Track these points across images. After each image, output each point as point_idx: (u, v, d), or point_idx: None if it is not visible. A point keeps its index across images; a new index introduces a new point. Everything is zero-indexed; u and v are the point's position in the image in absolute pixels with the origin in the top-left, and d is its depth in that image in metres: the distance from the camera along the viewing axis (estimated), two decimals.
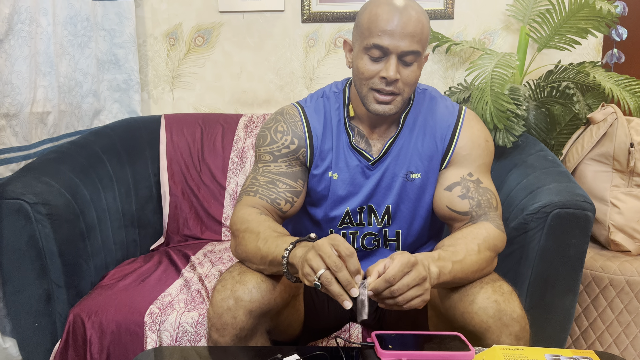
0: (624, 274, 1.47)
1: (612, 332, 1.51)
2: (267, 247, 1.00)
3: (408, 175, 1.17)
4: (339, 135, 1.18)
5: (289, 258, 0.95)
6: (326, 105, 1.20)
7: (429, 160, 1.17)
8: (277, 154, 1.17)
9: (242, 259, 1.07)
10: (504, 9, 1.92)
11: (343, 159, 1.18)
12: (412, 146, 1.17)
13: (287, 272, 0.97)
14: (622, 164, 1.54)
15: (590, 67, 1.70)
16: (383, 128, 1.18)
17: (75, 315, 1.34)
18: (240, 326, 0.99)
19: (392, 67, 1.04)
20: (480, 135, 1.18)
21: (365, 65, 1.07)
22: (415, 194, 1.18)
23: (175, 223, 1.82)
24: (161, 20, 2.02)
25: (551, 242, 1.23)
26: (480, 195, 1.13)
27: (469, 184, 1.14)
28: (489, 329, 0.96)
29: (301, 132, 1.18)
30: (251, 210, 1.10)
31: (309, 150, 1.18)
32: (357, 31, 1.10)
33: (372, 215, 1.20)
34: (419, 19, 1.05)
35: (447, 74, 2.00)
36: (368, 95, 1.09)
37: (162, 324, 1.30)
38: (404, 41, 1.03)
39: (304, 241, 0.98)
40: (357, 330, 1.28)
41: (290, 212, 1.16)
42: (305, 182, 1.19)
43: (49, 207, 1.32)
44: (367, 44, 1.05)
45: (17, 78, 1.46)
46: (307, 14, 1.97)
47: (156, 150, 1.85)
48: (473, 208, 1.12)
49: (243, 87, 2.06)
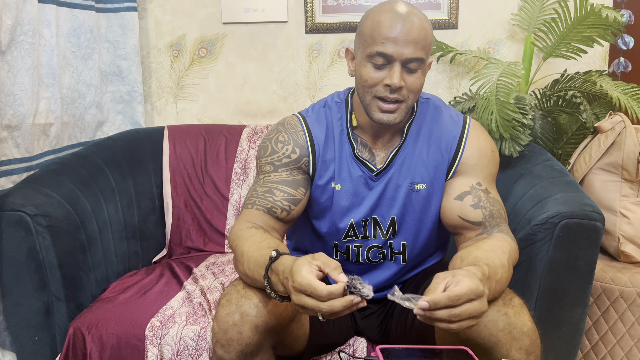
0: (635, 285, 1.44)
1: (624, 346, 1.47)
2: (252, 273, 0.99)
3: (413, 186, 1.15)
4: (341, 145, 1.16)
5: (272, 287, 0.95)
6: (328, 115, 1.18)
7: (434, 170, 1.15)
8: (277, 164, 1.16)
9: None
10: (509, 18, 1.91)
11: (346, 169, 1.16)
12: (417, 156, 1.15)
13: (276, 297, 0.95)
14: (631, 174, 1.51)
15: (596, 76, 1.68)
16: (386, 138, 1.16)
17: (75, 329, 1.32)
18: (246, 342, 0.97)
19: (396, 74, 1.03)
20: (486, 145, 1.16)
21: (368, 73, 1.05)
22: (420, 205, 1.16)
23: (177, 235, 1.81)
24: (165, 32, 2.03)
25: (559, 253, 1.21)
26: (492, 205, 1.11)
27: (480, 193, 1.12)
28: (499, 342, 0.94)
29: (303, 141, 1.16)
30: (242, 226, 1.09)
31: (311, 160, 1.16)
32: (360, 39, 1.08)
33: (376, 227, 1.18)
34: (422, 25, 1.04)
35: (451, 84, 1.99)
36: (372, 103, 1.07)
37: (163, 337, 1.28)
38: (407, 48, 1.02)
39: (271, 264, 0.94)
40: (362, 345, 1.26)
41: (287, 219, 1.14)
42: (308, 191, 1.17)
43: (50, 218, 1.31)
44: (370, 52, 1.04)
45: (20, 89, 1.46)
46: (310, 25, 1.97)
47: (159, 161, 1.84)
48: (486, 218, 1.09)
49: (246, 98, 2.05)
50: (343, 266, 1.23)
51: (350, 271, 1.24)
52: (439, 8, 1.93)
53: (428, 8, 1.93)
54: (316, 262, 0.87)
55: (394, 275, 1.23)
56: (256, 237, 1.05)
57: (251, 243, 1.03)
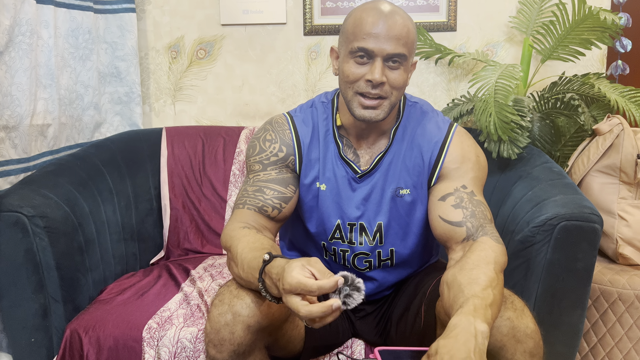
0: (633, 288, 1.44)
1: (622, 348, 1.47)
2: (246, 275, 0.98)
3: (397, 191, 1.15)
4: (326, 145, 1.16)
5: (267, 290, 0.94)
6: (314, 115, 1.19)
7: (417, 175, 1.14)
8: (266, 162, 1.16)
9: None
10: (507, 21, 1.92)
11: (331, 169, 1.16)
12: (401, 161, 1.15)
13: (271, 299, 0.94)
14: (629, 176, 1.51)
15: (594, 78, 1.69)
16: (370, 140, 1.16)
17: (72, 331, 1.31)
18: (238, 342, 0.97)
19: (377, 69, 1.03)
20: (470, 150, 1.14)
21: (350, 68, 1.05)
22: (405, 211, 1.16)
23: (175, 236, 1.80)
24: (163, 33, 2.02)
25: (558, 255, 1.21)
26: (475, 206, 1.08)
27: (463, 194, 1.10)
28: (504, 347, 0.94)
29: (289, 140, 1.16)
30: (235, 226, 1.08)
31: (297, 158, 1.16)
32: (343, 37, 1.09)
33: (363, 233, 1.17)
34: (405, 23, 1.04)
35: (450, 86, 1.99)
36: (353, 100, 1.07)
37: (160, 339, 1.27)
38: (389, 44, 1.02)
39: (265, 267, 0.94)
40: (360, 347, 1.25)
41: (279, 217, 1.14)
42: (297, 189, 1.17)
43: (47, 219, 1.30)
44: (352, 48, 1.04)
45: (17, 90, 1.45)
46: (309, 27, 1.97)
47: (157, 163, 1.84)
48: (467, 218, 1.06)
49: (245, 100, 2.05)
50: (331, 268, 1.23)
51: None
52: (437, 10, 1.93)
53: (426, 10, 1.93)
54: (311, 267, 0.86)
55: (383, 282, 1.23)
56: (249, 237, 1.04)
57: (245, 244, 1.02)
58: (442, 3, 1.93)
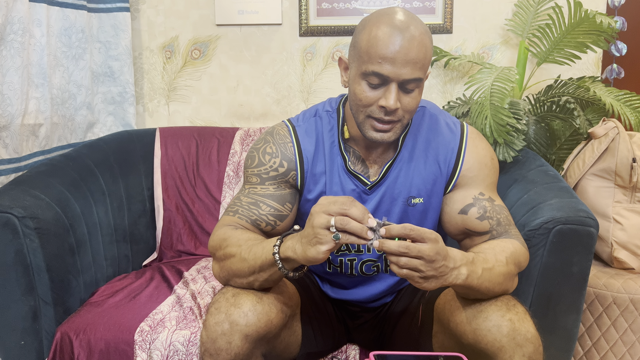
0: (628, 292, 1.43)
1: (617, 352, 1.47)
2: (253, 254, 0.96)
3: (409, 200, 1.12)
4: (332, 158, 1.12)
5: (281, 253, 0.92)
6: (318, 125, 1.14)
7: (432, 184, 1.12)
8: (264, 177, 1.12)
9: (229, 278, 1.02)
10: (503, 24, 1.91)
11: (338, 182, 1.12)
12: (413, 170, 1.12)
13: (282, 267, 0.93)
14: (624, 180, 1.51)
15: (590, 82, 1.69)
16: (380, 150, 1.13)
17: (62, 334, 1.29)
18: (235, 352, 0.94)
19: (392, 96, 0.97)
20: (485, 154, 1.14)
21: (363, 92, 1.00)
22: (416, 219, 1.14)
23: (168, 238, 1.78)
24: (157, 33, 2.01)
25: (553, 259, 1.20)
26: (498, 213, 1.09)
27: (484, 203, 1.09)
28: (502, 348, 0.92)
29: (291, 154, 1.12)
30: (226, 229, 1.06)
31: (299, 173, 1.13)
32: (355, 52, 1.02)
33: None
34: (422, 41, 0.97)
35: (445, 89, 1.98)
36: (365, 122, 1.03)
37: (152, 342, 1.25)
38: (405, 69, 0.96)
39: (289, 234, 0.95)
40: (355, 351, 1.24)
41: (272, 233, 1.11)
42: (295, 206, 1.14)
43: (38, 221, 1.28)
44: (365, 70, 0.98)
45: (8, 89, 1.43)
46: (304, 28, 1.96)
47: (150, 163, 1.82)
48: (494, 227, 1.08)
49: (239, 101, 2.04)
50: (335, 278, 1.22)
51: (341, 283, 1.23)
52: (433, 13, 1.93)
53: (422, 12, 1.93)
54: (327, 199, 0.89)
55: (390, 286, 1.22)
56: (248, 234, 1.03)
57: (245, 236, 1.01)
58: (438, 5, 1.92)
